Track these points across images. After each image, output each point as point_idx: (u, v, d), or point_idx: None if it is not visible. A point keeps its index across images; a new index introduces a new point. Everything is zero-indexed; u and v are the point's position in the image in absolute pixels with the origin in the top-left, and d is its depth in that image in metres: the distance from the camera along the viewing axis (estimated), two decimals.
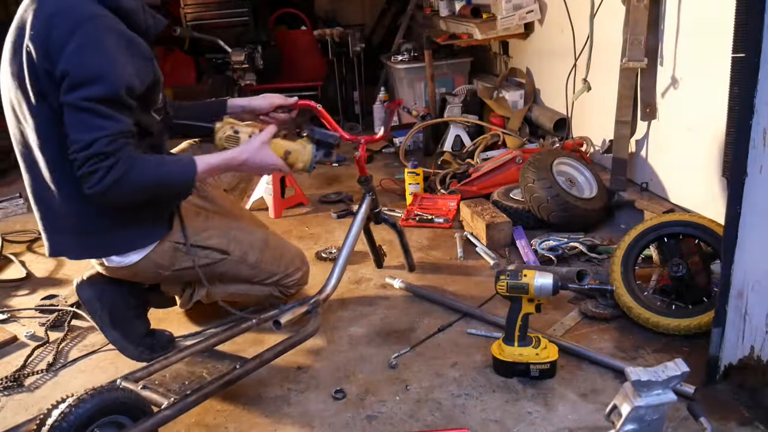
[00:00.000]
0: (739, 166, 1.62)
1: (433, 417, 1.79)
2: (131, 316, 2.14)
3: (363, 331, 2.26)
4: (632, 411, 1.50)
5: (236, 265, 2.17)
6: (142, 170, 1.77)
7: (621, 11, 2.75)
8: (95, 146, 1.68)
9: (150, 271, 2.04)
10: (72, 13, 1.71)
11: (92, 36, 1.70)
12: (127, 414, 1.59)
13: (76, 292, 2.12)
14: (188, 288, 2.24)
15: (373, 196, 2.41)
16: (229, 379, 1.77)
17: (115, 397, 1.57)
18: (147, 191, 1.82)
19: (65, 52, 1.68)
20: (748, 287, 1.69)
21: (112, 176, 1.70)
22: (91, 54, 1.69)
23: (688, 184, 2.65)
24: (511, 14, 3.88)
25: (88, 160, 1.69)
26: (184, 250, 2.03)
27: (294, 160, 2.07)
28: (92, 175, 1.70)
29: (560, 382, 1.90)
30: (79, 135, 1.69)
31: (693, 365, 1.59)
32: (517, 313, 1.90)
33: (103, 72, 1.70)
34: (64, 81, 1.69)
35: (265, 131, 2.02)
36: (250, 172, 2.08)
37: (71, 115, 1.70)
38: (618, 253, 2.25)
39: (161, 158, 1.91)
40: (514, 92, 4.17)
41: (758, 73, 1.54)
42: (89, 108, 1.69)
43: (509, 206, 2.99)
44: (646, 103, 2.81)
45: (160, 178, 1.83)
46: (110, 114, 1.71)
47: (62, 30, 1.69)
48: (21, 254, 3.11)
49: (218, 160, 1.93)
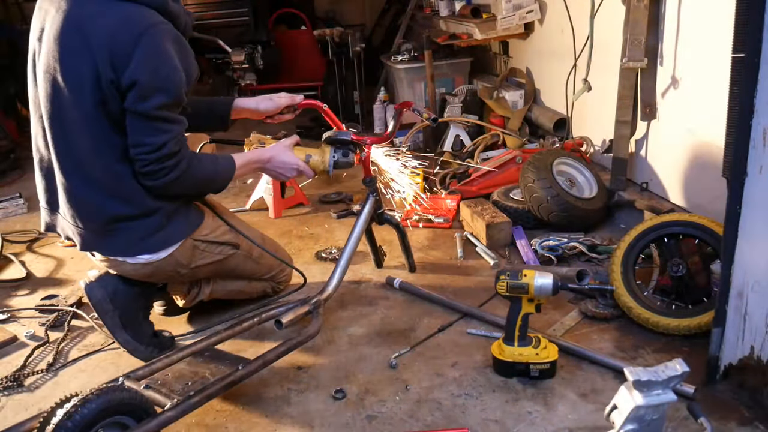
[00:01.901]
0: (739, 166, 1.62)
1: (433, 417, 1.79)
2: (140, 318, 2.17)
3: (363, 331, 2.26)
4: (632, 411, 1.50)
5: (244, 259, 2.27)
6: (198, 166, 1.95)
7: (621, 11, 2.75)
8: (166, 148, 1.83)
9: (170, 269, 2.07)
10: (133, 22, 1.77)
11: (156, 44, 1.78)
12: (131, 415, 1.58)
13: (85, 293, 2.12)
14: (194, 288, 2.28)
15: (377, 196, 2.43)
16: (232, 380, 1.77)
17: (120, 397, 1.56)
18: (200, 184, 2.01)
19: (132, 62, 1.75)
20: (748, 287, 1.69)
21: (176, 173, 1.87)
22: (156, 63, 1.78)
23: (688, 184, 2.65)
24: (511, 14, 3.88)
25: (157, 160, 1.83)
26: (202, 247, 2.12)
27: (315, 163, 2.22)
28: (160, 171, 1.85)
29: (560, 382, 1.90)
30: (151, 139, 1.82)
31: (693, 365, 1.59)
32: (517, 313, 1.90)
33: (170, 80, 1.81)
34: (131, 90, 1.77)
35: (289, 138, 2.22)
36: (274, 171, 2.18)
37: (142, 123, 1.81)
38: (618, 253, 2.25)
39: (212, 156, 2.08)
40: (514, 92, 4.17)
41: (758, 73, 1.54)
42: (160, 116, 1.81)
43: (509, 206, 2.98)
44: (646, 103, 2.81)
45: (211, 174, 2.01)
46: (175, 117, 1.87)
47: (126, 39, 1.75)
48: (21, 254, 3.11)
49: (250, 155, 2.14)
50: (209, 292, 2.30)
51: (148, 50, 1.76)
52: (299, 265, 2.69)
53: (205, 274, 2.23)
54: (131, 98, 1.78)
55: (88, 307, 2.52)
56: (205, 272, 2.20)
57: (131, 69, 1.75)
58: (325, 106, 2.38)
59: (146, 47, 1.76)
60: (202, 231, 2.11)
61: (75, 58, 1.79)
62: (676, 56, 2.63)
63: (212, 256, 2.16)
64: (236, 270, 2.29)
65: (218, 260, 2.18)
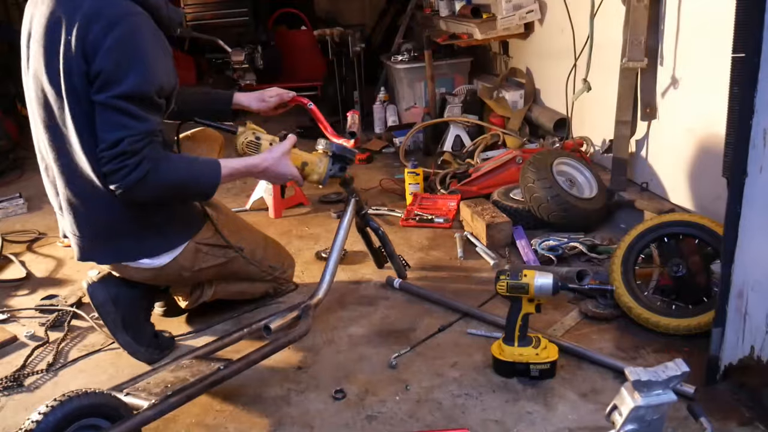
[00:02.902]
0: (739, 166, 1.62)
1: (433, 417, 1.79)
2: (141, 320, 2.16)
3: (363, 331, 2.26)
4: (632, 411, 1.50)
5: (246, 262, 2.23)
6: (167, 169, 1.79)
7: (621, 11, 2.75)
8: (121, 145, 1.70)
9: (173, 273, 2.06)
10: (108, 12, 1.71)
11: (127, 34, 1.71)
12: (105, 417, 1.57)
13: (87, 294, 2.10)
14: (196, 290, 2.27)
15: (356, 198, 2.37)
16: (213, 380, 1.73)
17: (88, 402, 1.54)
18: (172, 190, 1.84)
19: (100, 51, 1.68)
20: (749, 287, 1.69)
21: (136, 175, 1.72)
22: (125, 53, 1.70)
23: (688, 184, 2.65)
24: (511, 14, 3.88)
25: (114, 159, 1.71)
26: (204, 250, 2.09)
27: (309, 171, 2.13)
28: (116, 173, 1.72)
29: (560, 382, 1.90)
30: (107, 134, 1.71)
31: (693, 365, 1.59)
32: (517, 313, 1.90)
33: (136, 71, 1.71)
34: (97, 80, 1.70)
35: (286, 141, 2.05)
36: (266, 180, 2.13)
37: (101, 114, 1.71)
38: (618, 253, 2.25)
39: (189, 159, 1.93)
40: (514, 92, 4.17)
41: (758, 73, 1.54)
42: (118, 107, 1.70)
43: (509, 206, 2.98)
44: (646, 103, 2.81)
45: (185, 179, 1.86)
46: (138, 113, 1.72)
47: (98, 29, 1.69)
48: (21, 254, 3.11)
49: (241, 165, 1.97)
50: (212, 294, 2.28)
51: (117, 39, 1.69)
52: (299, 265, 2.70)
53: (208, 277, 2.22)
54: (95, 88, 1.70)
55: (88, 307, 2.53)
56: (208, 275, 2.20)
57: (99, 58, 1.68)
58: (311, 104, 2.32)
59: (116, 37, 1.69)
60: (205, 234, 2.10)
61: (56, 58, 1.74)
62: (676, 56, 2.63)
63: (215, 259, 2.15)
64: (239, 272, 2.28)
65: (221, 263, 2.17)
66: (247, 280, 2.34)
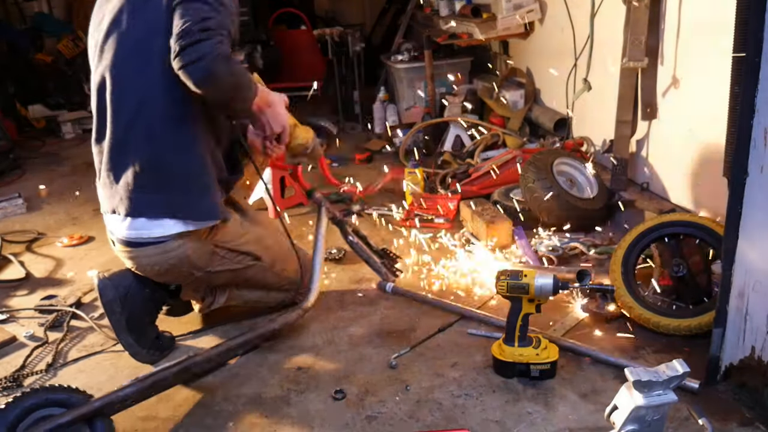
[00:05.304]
0: (739, 166, 1.62)
1: (433, 417, 1.79)
2: (146, 322, 2.15)
3: (363, 331, 2.25)
4: (633, 411, 1.50)
5: (263, 272, 2.21)
6: (236, 63, 1.84)
7: (621, 11, 2.75)
8: (208, 22, 1.75)
9: (184, 269, 2.04)
10: None
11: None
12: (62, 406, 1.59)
13: (97, 290, 2.09)
14: (209, 296, 2.24)
15: (325, 206, 2.43)
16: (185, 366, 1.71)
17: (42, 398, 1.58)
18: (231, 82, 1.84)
19: None
20: (749, 287, 1.69)
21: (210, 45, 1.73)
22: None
23: (688, 184, 2.65)
24: (511, 14, 3.87)
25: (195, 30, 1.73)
26: (222, 254, 2.08)
27: (297, 133, 2.25)
28: (195, 44, 1.73)
29: (560, 382, 1.90)
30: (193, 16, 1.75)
31: (693, 365, 1.59)
32: (518, 313, 1.90)
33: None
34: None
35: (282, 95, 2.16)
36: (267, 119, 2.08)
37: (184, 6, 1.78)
38: (618, 253, 2.24)
39: None
40: (514, 92, 4.17)
41: (759, 73, 1.54)
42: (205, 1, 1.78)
43: (509, 206, 2.98)
44: (646, 102, 2.81)
45: (241, 80, 1.89)
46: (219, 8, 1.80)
47: None
48: (20, 254, 3.11)
49: (261, 89, 2.03)
50: (224, 300, 2.25)
51: None
52: None
53: (221, 281, 2.18)
54: None
55: (87, 307, 2.53)
56: (221, 279, 2.16)
57: None
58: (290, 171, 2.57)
59: None
60: (225, 237, 2.07)
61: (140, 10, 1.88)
62: (677, 56, 2.63)
63: (230, 264, 2.12)
64: (253, 280, 2.23)
65: (236, 269, 2.14)
66: (262, 289, 2.29)
